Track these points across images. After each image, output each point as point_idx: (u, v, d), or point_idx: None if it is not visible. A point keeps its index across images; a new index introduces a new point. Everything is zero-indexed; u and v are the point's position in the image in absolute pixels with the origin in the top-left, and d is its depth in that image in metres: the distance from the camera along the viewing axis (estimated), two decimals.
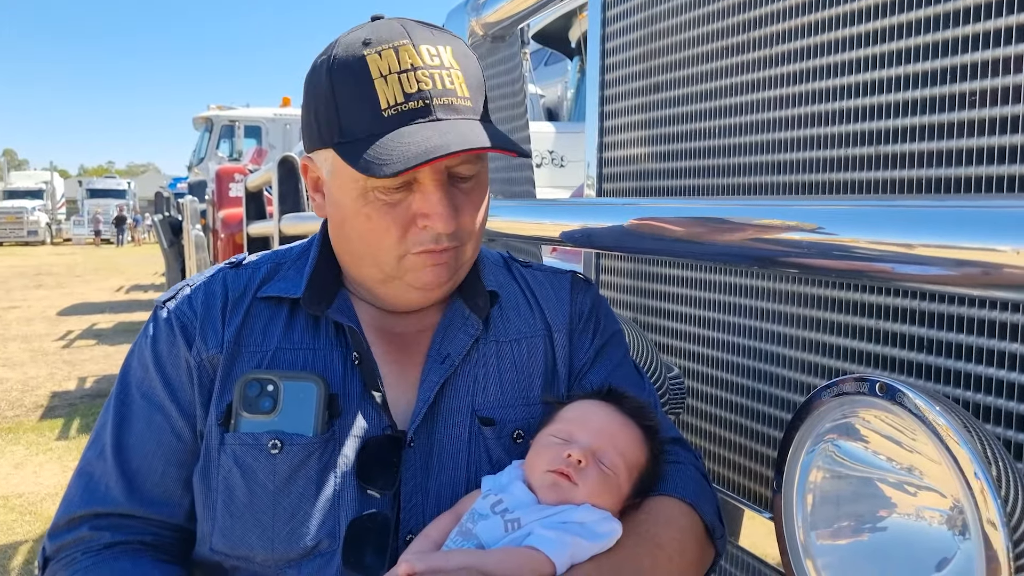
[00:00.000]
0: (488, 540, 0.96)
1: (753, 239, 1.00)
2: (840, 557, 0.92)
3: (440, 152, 0.98)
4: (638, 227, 1.25)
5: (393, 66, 1.01)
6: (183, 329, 1.11)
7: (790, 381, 1.22)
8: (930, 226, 0.80)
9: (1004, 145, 0.91)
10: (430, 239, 1.05)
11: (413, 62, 1.01)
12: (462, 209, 1.07)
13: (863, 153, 1.08)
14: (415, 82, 1.01)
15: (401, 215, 1.04)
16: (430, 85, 1.02)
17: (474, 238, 1.11)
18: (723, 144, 1.35)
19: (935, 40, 0.98)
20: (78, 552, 1.06)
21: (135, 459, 1.09)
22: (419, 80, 1.01)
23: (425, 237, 1.05)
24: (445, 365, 1.12)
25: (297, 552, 1.04)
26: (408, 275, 1.08)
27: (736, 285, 1.34)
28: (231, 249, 6.95)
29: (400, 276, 1.09)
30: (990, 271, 0.73)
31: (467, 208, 1.07)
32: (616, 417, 1.08)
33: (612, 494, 1.03)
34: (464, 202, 1.07)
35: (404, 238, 1.05)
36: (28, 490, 5.49)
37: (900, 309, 1.03)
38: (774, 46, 1.22)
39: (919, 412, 0.81)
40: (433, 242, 1.06)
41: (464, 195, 1.07)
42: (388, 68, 1.01)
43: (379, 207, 1.04)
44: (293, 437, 1.05)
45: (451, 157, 1.00)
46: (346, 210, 1.07)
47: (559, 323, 1.22)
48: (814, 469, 0.94)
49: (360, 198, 1.05)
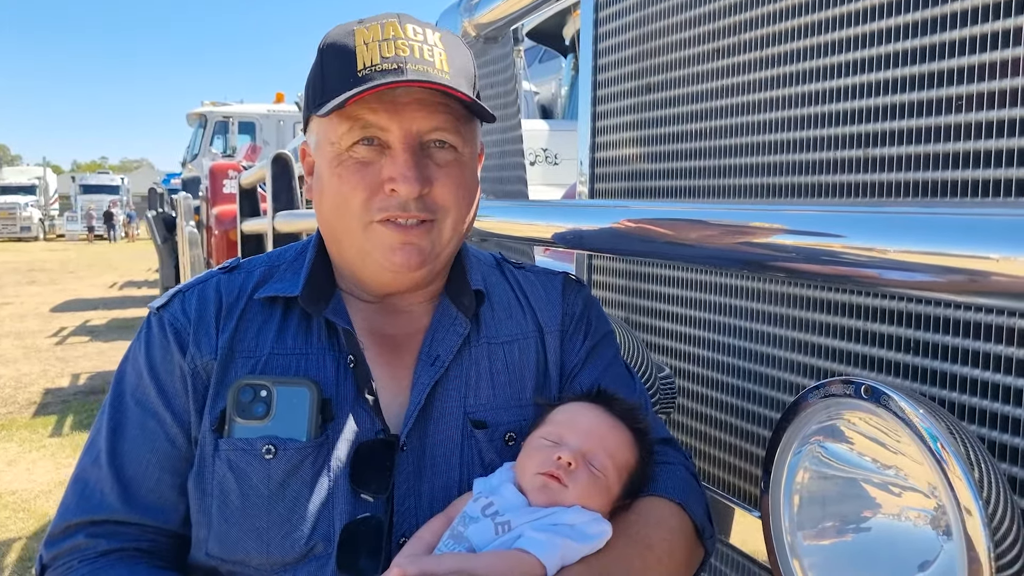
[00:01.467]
0: (479, 543, 0.97)
1: (742, 243, 1.01)
2: (826, 557, 0.93)
3: (383, 81, 1.02)
4: (629, 229, 1.26)
5: (376, 36, 1.07)
6: (176, 335, 1.12)
7: (779, 381, 1.23)
8: (917, 233, 0.81)
9: (991, 149, 0.92)
10: (397, 205, 1.07)
11: (396, 34, 1.07)
12: (436, 180, 1.08)
13: (854, 156, 1.09)
14: (393, 48, 1.06)
15: (371, 176, 1.07)
16: (407, 52, 1.06)
17: (451, 216, 1.11)
18: (715, 145, 1.36)
19: (924, 44, 0.99)
20: (74, 560, 1.07)
21: (130, 466, 1.09)
22: (398, 48, 1.06)
23: (391, 202, 1.07)
24: (436, 366, 1.13)
25: (292, 556, 1.04)
26: (376, 252, 1.09)
27: (727, 286, 1.35)
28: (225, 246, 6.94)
29: (370, 251, 1.10)
30: (976, 278, 0.74)
31: (441, 179, 1.09)
32: (606, 419, 1.09)
33: (602, 496, 1.04)
34: (438, 174, 1.09)
35: (371, 200, 1.07)
36: (21, 487, 5.48)
37: (888, 311, 1.04)
38: (766, 48, 1.23)
39: (903, 415, 0.82)
40: (400, 208, 1.07)
41: (438, 167, 1.09)
42: (371, 38, 1.07)
43: (350, 167, 1.08)
44: (287, 442, 1.06)
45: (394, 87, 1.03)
46: (324, 176, 1.11)
47: (551, 325, 1.23)
48: (801, 470, 0.95)
49: (335, 159, 1.09)
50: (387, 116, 1.06)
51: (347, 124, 1.07)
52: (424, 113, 1.07)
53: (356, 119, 1.06)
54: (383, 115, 1.06)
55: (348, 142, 1.07)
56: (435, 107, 1.07)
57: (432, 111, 1.07)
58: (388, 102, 1.05)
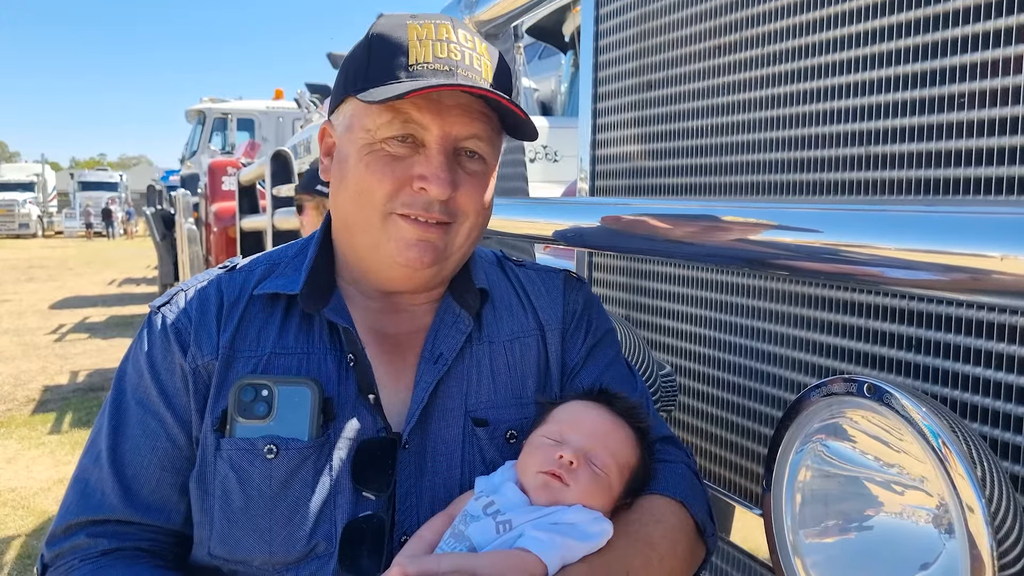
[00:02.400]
0: (480, 542, 0.97)
1: (744, 240, 1.01)
2: (828, 555, 0.93)
3: (437, 83, 1.03)
4: (630, 226, 1.26)
5: (430, 35, 1.08)
6: (177, 335, 1.11)
7: (781, 379, 1.23)
8: (920, 231, 0.81)
9: (993, 147, 0.92)
10: (421, 204, 1.07)
11: (449, 37, 1.09)
12: (461, 186, 1.09)
13: (855, 153, 1.09)
14: (447, 51, 1.07)
15: (400, 171, 1.07)
16: (459, 57, 1.08)
17: (468, 223, 1.12)
18: (715, 142, 1.36)
19: (925, 41, 0.99)
20: (76, 559, 1.07)
21: (131, 466, 1.09)
22: (450, 51, 1.08)
23: (417, 200, 1.07)
24: (439, 365, 1.13)
25: (294, 555, 1.04)
26: (391, 244, 1.09)
27: (728, 283, 1.35)
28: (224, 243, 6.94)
29: (384, 242, 1.09)
30: (979, 276, 0.74)
31: (467, 187, 1.09)
32: (607, 418, 1.09)
33: (603, 495, 1.04)
34: (465, 181, 1.09)
35: (396, 195, 1.08)
36: (21, 484, 5.48)
37: (889, 308, 1.04)
38: (766, 45, 1.23)
39: (906, 413, 0.81)
40: (423, 208, 1.07)
41: (467, 175, 1.10)
42: (425, 35, 1.08)
43: (381, 157, 1.08)
44: (289, 442, 1.06)
45: (449, 89, 1.04)
46: (349, 160, 1.11)
47: (552, 323, 1.23)
48: (803, 468, 0.95)
49: (366, 147, 1.08)
50: (430, 115, 1.06)
51: (388, 115, 1.07)
52: (466, 119, 1.08)
53: (399, 112, 1.06)
54: (427, 114, 1.06)
55: (385, 134, 1.07)
56: (476, 115, 1.09)
57: (473, 118, 1.08)
58: (434, 101, 1.06)
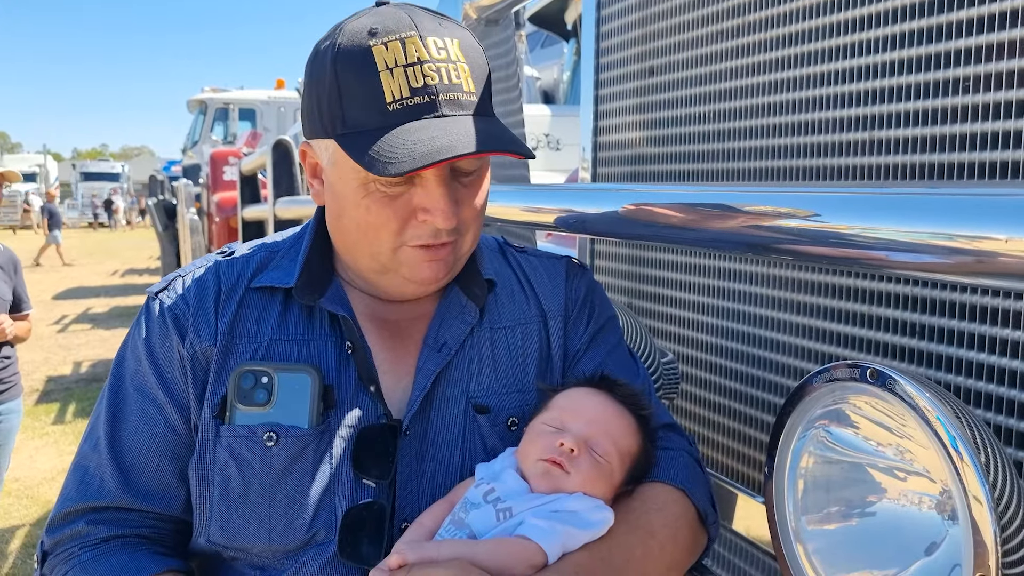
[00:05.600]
0: (480, 529, 0.97)
1: (747, 225, 1.00)
2: (830, 542, 0.92)
3: (447, 154, 0.97)
4: (632, 213, 1.25)
5: (400, 59, 0.99)
6: (175, 321, 1.11)
7: (783, 366, 1.23)
8: (925, 213, 0.80)
9: (999, 131, 0.91)
10: (428, 234, 1.05)
11: (420, 55, 1.00)
12: (462, 202, 1.06)
13: (858, 138, 1.08)
14: (421, 77, 0.99)
15: (401, 208, 1.04)
16: (436, 80, 1.00)
17: (473, 229, 1.10)
18: (718, 129, 1.35)
19: (930, 24, 0.98)
20: (76, 546, 1.07)
21: (129, 452, 1.09)
22: (425, 75, 1.00)
23: (424, 231, 1.05)
24: (442, 353, 1.12)
25: (294, 543, 1.04)
26: (403, 268, 1.08)
27: (730, 270, 1.34)
28: (226, 233, 6.94)
29: (396, 268, 1.08)
30: (983, 259, 0.74)
31: (467, 200, 1.07)
32: (609, 405, 1.08)
33: (605, 482, 1.03)
34: (464, 195, 1.06)
35: (403, 231, 1.05)
36: (25, 474, 5.50)
37: (892, 295, 1.04)
38: (770, 30, 1.22)
39: (909, 398, 0.81)
40: (431, 237, 1.05)
41: (465, 188, 1.07)
42: (394, 60, 0.99)
43: (379, 199, 1.03)
44: (288, 429, 1.05)
45: (457, 160, 0.99)
46: (346, 200, 1.06)
47: (554, 309, 1.22)
48: (805, 455, 0.95)
49: (360, 188, 1.04)
50: None
51: None
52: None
53: None
54: None
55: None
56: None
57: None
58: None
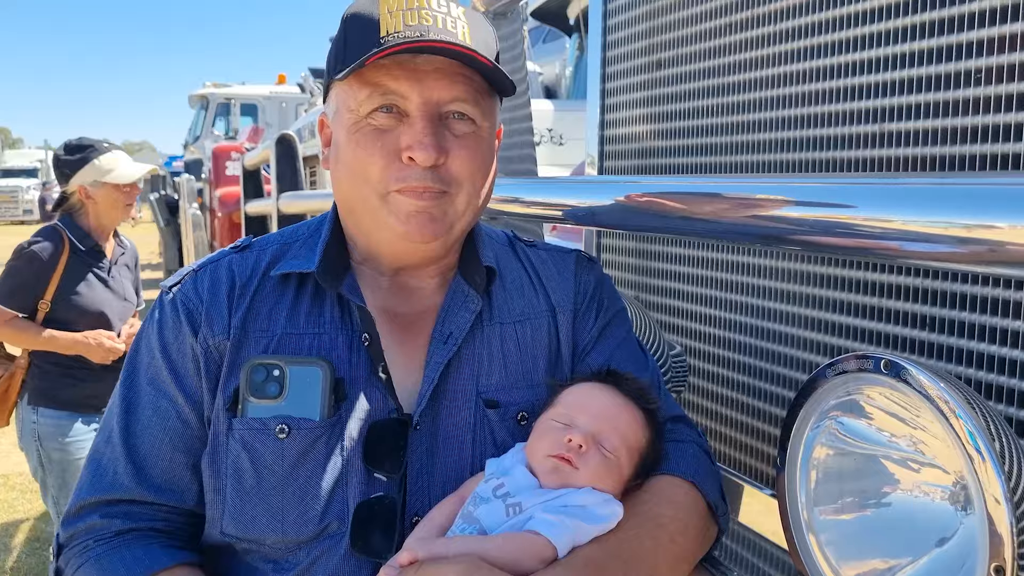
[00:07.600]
0: (490, 524, 0.97)
1: (756, 216, 1.00)
2: (843, 533, 0.92)
3: (400, 41, 1.01)
4: (640, 204, 1.25)
5: (401, 5, 1.06)
6: (189, 315, 1.11)
7: (792, 359, 1.22)
8: (937, 203, 0.80)
9: (1011, 123, 0.91)
10: (415, 176, 1.06)
11: (420, 4, 1.06)
12: (451, 153, 1.07)
13: (869, 131, 1.08)
14: (418, 17, 1.05)
15: (388, 144, 1.06)
16: (430, 22, 1.05)
17: (465, 189, 1.10)
18: (727, 122, 1.34)
19: (941, 17, 0.98)
20: (90, 540, 1.07)
21: (143, 445, 1.09)
22: (422, 17, 1.05)
23: (410, 173, 1.06)
24: (449, 344, 1.12)
25: (306, 535, 1.04)
26: (392, 218, 1.08)
27: (739, 263, 1.34)
28: (228, 228, 6.94)
29: (386, 217, 1.08)
30: (995, 248, 0.73)
31: (458, 152, 1.07)
32: (617, 400, 1.08)
33: (613, 477, 1.03)
34: (455, 145, 1.07)
35: (388, 169, 1.06)
36: (28, 468, 5.49)
37: (902, 287, 1.03)
38: (779, 22, 1.22)
39: (923, 389, 0.81)
40: (417, 180, 1.06)
41: (456, 138, 1.08)
42: (396, 7, 1.06)
43: (369, 133, 1.07)
44: (300, 422, 1.05)
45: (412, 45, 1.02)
46: (341, 144, 1.10)
47: (563, 304, 1.22)
48: (818, 446, 0.95)
49: (353, 125, 1.08)
50: (407, 83, 1.05)
51: (367, 90, 1.06)
52: (445, 83, 1.06)
53: (376, 85, 1.05)
54: (404, 82, 1.05)
55: (367, 108, 1.06)
56: (456, 77, 1.06)
57: (453, 81, 1.06)
58: (410, 69, 1.05)
